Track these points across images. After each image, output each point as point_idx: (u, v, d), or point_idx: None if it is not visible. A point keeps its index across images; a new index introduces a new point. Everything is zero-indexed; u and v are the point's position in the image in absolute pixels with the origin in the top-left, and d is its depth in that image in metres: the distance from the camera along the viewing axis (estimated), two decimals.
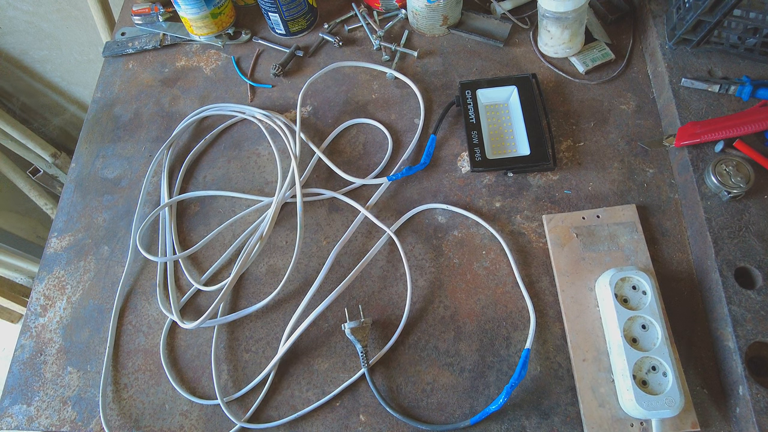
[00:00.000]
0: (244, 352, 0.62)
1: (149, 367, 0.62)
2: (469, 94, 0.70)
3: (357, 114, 0.75)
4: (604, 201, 0.65)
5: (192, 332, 0.64)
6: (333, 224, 0.68)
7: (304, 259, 0.66)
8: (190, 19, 0.80)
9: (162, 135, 0.78)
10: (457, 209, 0.65)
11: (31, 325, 0.67)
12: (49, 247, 0.71)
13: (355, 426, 0.57)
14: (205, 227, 0.70)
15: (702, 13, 0.62)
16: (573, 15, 0.68)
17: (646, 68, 0.73)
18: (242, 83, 0.80)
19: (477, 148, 0.67)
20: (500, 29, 0.78)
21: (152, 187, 0.74)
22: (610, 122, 0.70)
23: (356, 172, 0.70)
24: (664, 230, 0.62)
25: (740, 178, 0.57)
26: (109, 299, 0.67)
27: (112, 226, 0.72)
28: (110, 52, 0.86)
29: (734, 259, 0.55)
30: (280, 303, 0.64)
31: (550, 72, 0.75)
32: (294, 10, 0.79)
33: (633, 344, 0.53)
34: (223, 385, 0.60)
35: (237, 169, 0.74)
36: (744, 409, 0.50)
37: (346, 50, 0.81)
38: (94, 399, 0.61)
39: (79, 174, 0.77)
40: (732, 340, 0.52)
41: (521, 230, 0.64)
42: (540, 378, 0.56)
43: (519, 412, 0.55)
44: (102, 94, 0.84)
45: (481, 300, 0.61)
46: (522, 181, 0.67)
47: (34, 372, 0.64)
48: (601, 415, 0.53)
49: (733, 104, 0.64)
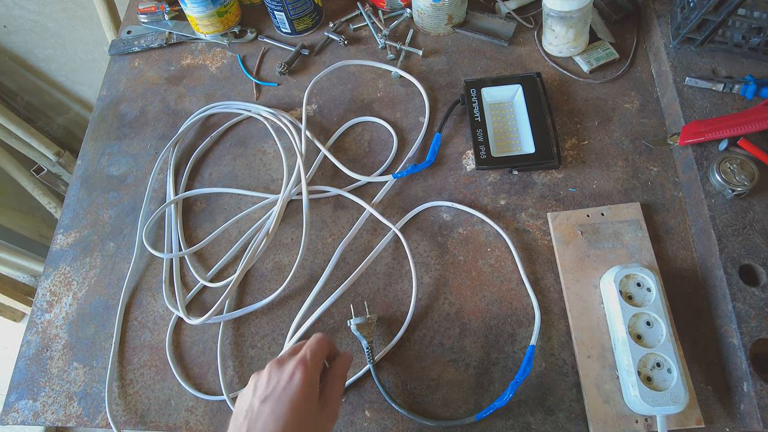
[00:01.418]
0: (250, 348, 0.62)
1: (155, 363, 0.63)
2: (474, 93, 0.71)
3: (362, 112, 0.76)
4: (609, 199, 0.65)
5: (198, 328, 0.64)
6: (338, 221, 0.68)
7: (309, 256, 0.66)
8: (196, 18, 0.81)
9: (168, 132, 0.78)
10: (463, 207, 0.66)
11: (37, 321, 0.67)
12: (55, 244, 0.72)
13: (361, 422, 0.57)
14: (211, 224, 0.70)
15: (706, 12, 0.62)
16: (577, 14, 0.68)
17: (650, 67, 0.74)
18: (248, 81, 0.81)
19: (482, 146, 0.67)
20: (505, 28, 0.79)
21: (158, 185, 0.74)
22: (615, 121, 0.70)
23: (361, 170, 0.70)
24: (669, 228, 0.62)
25: (744, 176, 0.58)
26: (115, 295, 0.67)
27: (118, 222, 0.72)
28: (116, 50, 0.87)
29: (738, 257, 0.56)
30: (286, 299, 0.64)
31: (555, 71, 0.75)
32: (300, 8, 0.79)
33: (638, 341, 0.53)
34: (229, 380, 0.61)
35: (243, 166, 0.74)
36: (748, 406, 0.50)
37: (352, 49, 0.82)
38: (99, 394, 0.61)
39: (85, 171, 0.77)
40: (736, 336, 0.52)
41: (526, 228, 0.64)
42: (545, 374, 0.57)
43: (524, 408, 0.55)
44: (108, 92, 0.84)
45: (486, 297, 0.61)
46: (527, 179, 0.68)
47: (40, 367, 0.64)
48: (605, 411, 0.53)
49: (737, 103, 0.64)
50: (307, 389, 0.42)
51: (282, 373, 0.43)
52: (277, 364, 0.44)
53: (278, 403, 0.41)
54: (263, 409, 0.41)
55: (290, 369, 0.43)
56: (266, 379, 0.44)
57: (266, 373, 0.44)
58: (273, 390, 0.42)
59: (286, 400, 0.41)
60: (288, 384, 0.42)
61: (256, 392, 0.43)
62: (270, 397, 0.42)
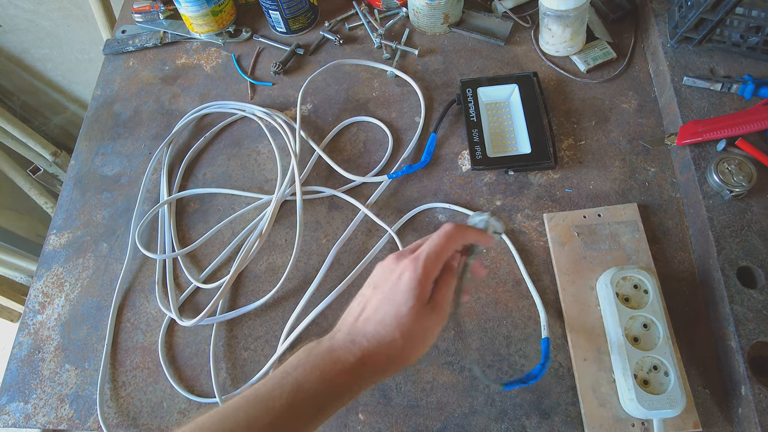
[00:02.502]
0: (243, 350, 0.62)
1: (147, 365, 0.62)
2: (469, 93, 0.70)
3: (357, 112, 0.75)
4: (606, 200, 0.64)
5: (190, 330, 0.63)
6: (333, 222, 0.67)
7: (303, 257, 0.66)
8: (191, 17, 0.80)
9: (162, 132, 0.78)
10: (458, 207, 0.65)
11: (29, 322, 0.67)
12: (48, 245, 0.71)
13: (354, 425, 0.56)
14: (205, 225, 0.70)
15: (704, 11, 0.61)
16: (574, 13, 0.68)
17: (647, 67, 0.73)
18: (242, 81, 0.80)
19: (478, 146, 0.66)
20: (501, 28, 0.78)
21: (152, 185, 0.74)
22: (612, 121, 0.69)
23: (356, 170, 0.70)
24: (666, 229, 0.62)
25: (742, 176, 0.57)
26: (108, 296, 0.66)
27: (112, 223, 0.72)
28: (111, 50, 0.86)
29: (736, 259, 0.55)
30: (280, 301, 0.64)
31: (552, 70, 0.74)
32: (295, 8, 0.78)
33: (634, 343, 0.52)
34: (222, 383, 0.60)
35: (237, 166, 0.73)
36: (746, 409, 0.50)
37: (347, 48, 0.81)
38: (91, 397, 0.61)
39: (78, 171, 0.77)
40: (734, 339, 0.52)
41: (522, 229, 0.64)
42: (540, 377, 0.56)
43: (519, 411, 0.55)
44: (102, 92, 0.83)
45: (482, 299, 0.61)
46: (523, 180, 0.67)
47: (32, 369, 0.63)
48: (602, 414, 0.53)
49: (735, 103, 0.64)
50: (409, 292, 0.40)
51: (392, 273, 0.41)
52: (396, 259, 0.42)
53: (383, 301, 0.40)
54: (372, 301, 0.41)
55: (400, 269, 0.41)
56: (380, 271, 0.43)
57: (385, 264, 0.43)
58: (382, 284, 0.41)
59: (392, 299, 0.40)
60: (395, 284, 0.40)
61: (372, 278, 0.43)
62: (378, 290, 0.41)
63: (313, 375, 0.37)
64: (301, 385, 0.37)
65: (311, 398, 0.37)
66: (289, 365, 0.38)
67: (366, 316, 0.40)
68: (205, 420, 0.36)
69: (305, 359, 0.38)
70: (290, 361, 0.39)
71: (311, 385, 0.37)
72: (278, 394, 0.36)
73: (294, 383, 0.37)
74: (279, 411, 0.36)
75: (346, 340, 0.39)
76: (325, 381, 0.37)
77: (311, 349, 0.39)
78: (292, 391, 0.36)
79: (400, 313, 0.39)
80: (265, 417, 0.36)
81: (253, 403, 0.36)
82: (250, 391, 0.37)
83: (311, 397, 0.37)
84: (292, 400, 0.36)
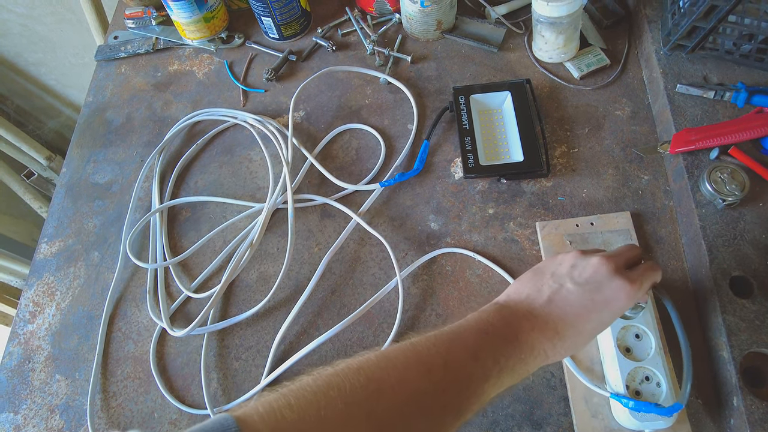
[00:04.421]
0: (234, 360, 0.61)
1: (138, 375, 0.62)
2: (462, 100, 0.70)
3: (350, 119, 0.75)
4: (599, 208, 0.64)
5: (182, 339, 0.63)
6: (325, 231, 0.67)
7: (295, 266, 0.65)
8: (183, 23, 0.80)
9: (154, 140, 0.77)
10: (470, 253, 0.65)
11: (20, 332, 0.66)
12: (39, 253, 0.71)
13: None
14: (196, 233, 0.69)
15: (696, 18, 0.61)
16: (568, 20, 0.68)
17: (641, 74, 0.73)
18: (235, 88, 0.80)
19: (470, 154, 0.66)
20: (494, 34, 0.78)
21: (143, 193, 0.73)
22: (605, 128, 0.69)
23: (349, 178, 0.70)
24: (659, 238, 0.62)
25: (735, 185, 0.57)
26: (99, 306, 0.66)
27: (103, 231, 0.71)
28: (103, 56, 0.86)
29: (729, 268, 0.55)
30: (271, 310, 0.63)
31: (545, 77, 0.74)
32: (287, 14, 0.78)
33: (626, 354, 0.52)
34: (213, 393, 0.60)
35: (228, 174, 0.73)
36: (738, 420, 0.50)
37: (340, 55, 0.81)
38: (82, 407, 0.60)
39: (70, 179, 0.76)
40: (726, 349, 0.51)
41: (514, 237, 0.64)
42: (532, 388, 0.56)
43: (511, 422, 0.55)
44: (94, 99, 0.83)
45: (474, 308, 0.59)
46: (515, 188, 0.67)
47: (22, 380, 0.63)
48: (594, 425, 0.52)
49: (729, 111, 0.64)
50: (619, 313, 0.43)
51: (610, 283, 0.43)
52: (615, 271, 0.44)
53: (590, 309, 0.42)
54: (570, 297, 0.43)
55: (619, 287, 0.43)
56: (591, 272, 0.44)
57: (599, 269, 0.44)
58: (593, 290, 0.43)
59: (599, 310, 0.43)
60: (610, 302, 0.43)
61: (571, 273, 0.45)
62: (585, 290, 0.43)
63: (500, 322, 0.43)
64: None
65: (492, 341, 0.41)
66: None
67: (560, 306, 0.43)
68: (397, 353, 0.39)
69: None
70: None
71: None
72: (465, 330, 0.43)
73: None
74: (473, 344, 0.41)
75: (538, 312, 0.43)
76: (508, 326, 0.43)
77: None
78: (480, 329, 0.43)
79: (604, 322, 0.43)
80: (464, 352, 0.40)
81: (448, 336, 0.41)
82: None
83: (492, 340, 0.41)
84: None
